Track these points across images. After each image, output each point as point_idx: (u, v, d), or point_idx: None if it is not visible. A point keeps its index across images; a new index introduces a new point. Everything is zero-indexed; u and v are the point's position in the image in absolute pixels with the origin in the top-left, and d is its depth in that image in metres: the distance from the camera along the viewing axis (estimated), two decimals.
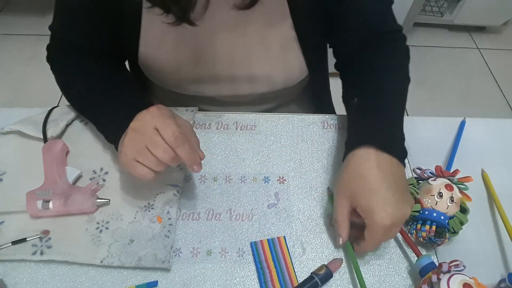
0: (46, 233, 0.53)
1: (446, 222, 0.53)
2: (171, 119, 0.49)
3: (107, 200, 0.56)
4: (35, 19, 2.08)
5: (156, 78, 0.72)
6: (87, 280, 0.50)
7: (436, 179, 0.56)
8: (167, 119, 0.49)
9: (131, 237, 0.53)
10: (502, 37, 2.27)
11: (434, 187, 0.55)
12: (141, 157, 0.49)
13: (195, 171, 0.50)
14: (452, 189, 0.54)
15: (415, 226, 0.55)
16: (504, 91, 1.99)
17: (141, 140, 0.49)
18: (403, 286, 0.52)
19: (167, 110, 0.51)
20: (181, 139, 0.48)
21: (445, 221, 0.53)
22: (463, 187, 0.57)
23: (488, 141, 0.69)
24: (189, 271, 0.52)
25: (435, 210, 0.53)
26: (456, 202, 0.54)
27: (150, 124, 0.49)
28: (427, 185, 0.56)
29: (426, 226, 0.53)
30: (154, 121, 0.49)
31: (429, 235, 0.53)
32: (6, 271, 0.51)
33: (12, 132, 0.63)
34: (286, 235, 0.56)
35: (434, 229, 0.53)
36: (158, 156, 0.48)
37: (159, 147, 0.48)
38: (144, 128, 0.49)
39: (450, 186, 0.54)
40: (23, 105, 0.68)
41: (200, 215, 0.57)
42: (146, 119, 0.50)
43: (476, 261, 0.54)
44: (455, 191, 0.55)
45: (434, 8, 2.18)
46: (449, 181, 0.56)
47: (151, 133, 0.49)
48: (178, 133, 0.48)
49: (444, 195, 0.54)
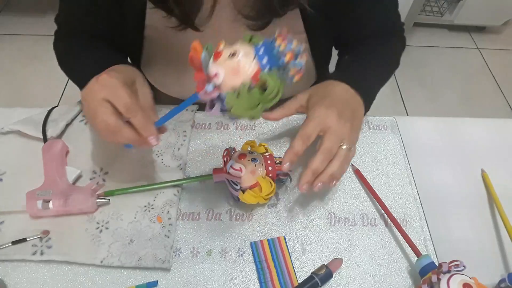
0: (46, 233, 0.53)
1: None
2: (122, 90, 0.47)
3: (107, 200, 0.56)
4: (35, 19, 2.08)
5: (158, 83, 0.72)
6: (87, 280, 0.50)
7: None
8: (119, 90, 0.47)
9: (131, 237, 0.53)
10: (502, 37, 2.27)
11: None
12: (93, 124, 0.49)
13: (152, 143, 0.49)
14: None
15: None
16: (504, 91, 1.99)
17: (88, 109, 0.48)
18: (403, 286, 0.52)
19: (119, 78, 0.48)
20: (133, 110, 0.47)
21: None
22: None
23: (488, 141, 0.69)
24: (189, 271, 0.52)
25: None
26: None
27: (98, 94, 0.47)
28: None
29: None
30: (103, 92, 0.47)
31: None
32: (6, 271, 0.51)
33: (12, 132, 0.63)
34: (286, 235, 0.56)
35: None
36: (100, 127, 0.47)
37: (100, 117, 0.47)
38: (91, 98, 0.48)
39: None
40: (23, 105, 0.68)
41: (200, 215, 0.57)
42: (94, 88, 0.48)
43: (476, 261, 0.54)
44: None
45: (434, 8, 2.18)
46: None
47: (96, 103, 0.47)
48: (130, 104, 0.47)
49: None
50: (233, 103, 0.38)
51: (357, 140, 0.55)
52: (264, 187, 0.52)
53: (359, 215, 0.58)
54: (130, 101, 0.47)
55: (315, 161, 0.50)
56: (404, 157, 0.65)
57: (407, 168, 0.64)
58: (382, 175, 0.62)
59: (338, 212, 0.58)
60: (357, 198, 0.60)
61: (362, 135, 0.68)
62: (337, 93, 0.56)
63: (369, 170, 0.63)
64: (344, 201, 0.60)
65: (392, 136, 0.68)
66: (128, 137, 0.48)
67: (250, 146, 0.58)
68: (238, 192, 0.53)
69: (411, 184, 0.62)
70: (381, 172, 0.63)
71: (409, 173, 0.63)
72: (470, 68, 2.09)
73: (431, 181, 0.63)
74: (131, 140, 0.48)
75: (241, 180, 0.52)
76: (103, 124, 0.47)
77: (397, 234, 0.56)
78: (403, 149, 0.66)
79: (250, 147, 0.58)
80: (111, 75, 0.48)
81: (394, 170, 0.63)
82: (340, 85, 0.57)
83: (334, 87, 0.57)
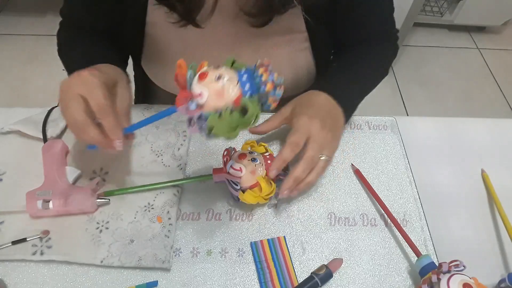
0: (46, 233, 0.53)
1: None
2: (99, 90, 0.47)
3: (107, 200, 0.56)
4: (35, 19, 2.08)
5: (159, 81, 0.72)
6: (87, 280, 0.50)
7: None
8: (96, 89, 0.47)
9: (131, 237, 0.53)
10: (502, 37, 2.27)
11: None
12: (63, 116, 0.49)
13: (117, 147, 0.48)
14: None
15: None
16: (504, 91, 1.99)
17: (62, 101, 0.48)
18: (403, 286, 0.52)
19: (99, 78, 0.49)
20: (104, 111, 0.47)
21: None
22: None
23: (488, 141, 0.69)
24: (189, 271, 0.52)
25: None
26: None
27: (74, 89, 0.47)
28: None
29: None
30: (80, 88, 0.47)
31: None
32: (6, 271, 0.51)
33: (12, 132, 0.63)
34: (286, 235, 0.56)
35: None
36: (69, 122, 0.48)
37: (69, 112, 0.47)
38: (67, 90, 0.48)
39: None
40: (23, 105, 0.68)
41: (200, 215, 0.57)
42: (73, 82, 0.48)
43: (476, 261, 0.54)
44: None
45: (434, 8, 2.18)
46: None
47: (70, 97, 0.47)
48: (103, 106, 0.47)
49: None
50: (215, 124, 0.40)
51: (337, 149, 0.58)
52: (264, 187, 0.53)
53: (359, 215, 0.58)
54: (104, 102, 0.47)
55: (298, 169, 0.52)
56: (404, 157, 0.65)
57: (407, 168, 0.64)
58: (382, 175, 0.62)
59: (338, 212, 0.58)
60: (357, 198, 0.60)
61: (362, 135, 0.68)
62: (320, 103, 0.58)
63: (369, 170, 0.63)
64: (344, 201, 0.60)
65: (392, 136, 0.68)
66: (93, 136, 0.47)
67: (250, 146, 0.59)
68: (238, 192, 0.53)
69: (411, 184, 0.62)
70: (381, 172, 0.63)
71: (409, 173, 0.63)
72: (470, 68, 2.09)
73: (431, 181, 0.63)
74: (96, 141, 0.48)
75: (241, 180, 0.52)
76: (72, 119, 0.46)
77: (397, 234, 0.56)
78: (403, 149, 0.66)
79: (250, 147, 0.58)
80: (92, 73, 0.48)
81: (394, 170, 0.63)
82: (322, 95, 0.59)
83: (317, 97, 0.59)
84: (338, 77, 0.65)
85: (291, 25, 0.63)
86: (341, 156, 0.64)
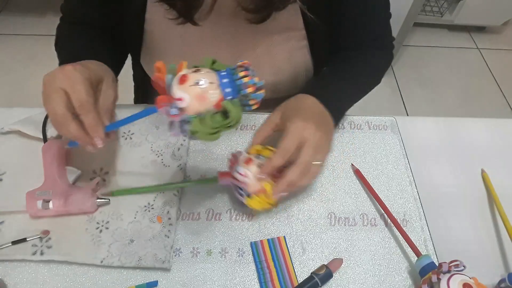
0: (46, 233, 0.53)
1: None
2: (82, 85, 0.47)
3: (107, 200, 0.56)
4: (35, 19, 2.08)
5: None
6: (87, 280, 0.50)
7: None
8: (78, 84, 0.47)
9: (131, 237, 0.53)
10: (502, 37, 2.27)
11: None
12: (45, 108, 0.49)
13: (97, 145, 0.48)
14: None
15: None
16: (504, 91, 1.99)
17: (44, 94, 0.48)
18: (403, 286, 0.52)
19: (83, 73, 0.48)
20: (85, 108, 0.47)
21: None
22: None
23: (488, 141, 0.69)
24: (189, 271, 0.52)
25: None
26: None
27: (57, 82, 0.47)
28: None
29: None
30: (63, 82, 0.47)
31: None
32: (6, 271, 0.51)
33: (12, 132, 0.63)
34: (286, 235, 0.56)
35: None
36: (50, 114, 0.47)
37: (50, 105, 0.47)
38: (49, 83, 0.48)
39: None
40: (23, 105, 0.68)
41: (200, 215, 0.57)
42: (56, 75, 0.48)
43: (476, 261, 0.54)
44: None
45: (434, 8, 2.18)
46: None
47: (52, 90, 0.47)
48: (84, 102, 0.47)
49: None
50: (197, 129, 0.40)
51: (329, 152, 0.56)
52: (271, 193, 0.51)
53: (359, 215, 0.58)
54: (85, 97, 0.47)
55: (292, 174, 0.50)
56: (404, 157, 0.65)
57: (407, 168, 0.64)
58: (382, 175, 0.62)
59: (338, 212, 0.58)
60: (357, 198, 0.60)
61: (362, 135, 0.68)
62: (310, 105, 0.57)
63: (369, 170, 0.63)
64: (344, 201, 0.60)
65: (392, 136, 0.68)
66: (73, 132, 0.47)
67: (257, 150, 0.58)
68: (244, 197, 0.53)
69: (411, 184, 0.62)
70: (381, 172, 0.63)
71: (409, 173, 0.63)
72: (470, 68, 2.09)
73: (431, 181, 0.63)
74: (76, 137, 0.47)
75: (246, 186, 0.52)
76: (52, 112, 0.46)
77: (397, 234, 0.56)
78: (403, 149, 0.66)
79: (257, 151, 0.58)
80: (76, 68, 0.48)
81: (394, 170, 0.63)
82: (310, 99, 0.58)
83: (305, 100, 0.58)
84: (327, 82, 0.64)
85: (289, 23, 0.63)
86: (341, 156, 0.64)
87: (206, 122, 0.40)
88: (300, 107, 0.56)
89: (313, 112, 0.56)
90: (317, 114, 0.56)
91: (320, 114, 0.57)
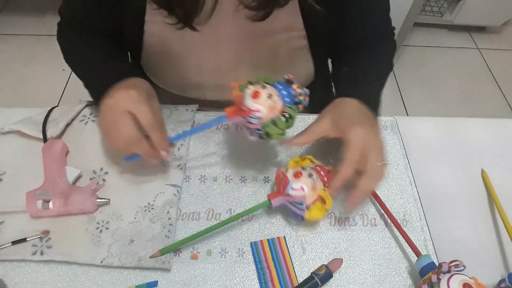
0: (46, 233, 0.53)
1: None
2: (146, 107, 0.51)
3: (107, 200, 0.56)
4: (35, 19, 2.08)
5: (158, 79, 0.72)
6: (87, 280, 0.50)
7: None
8: (143, 106, 0.51)
9: (131, 237, 0.53)
10: (502, 37, 2.27)
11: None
12: (110, 130, 0.52)
13: (164, 157, 0.54)
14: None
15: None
16: (504, 91, 1.99)
17: (112, 116, 0.51)
18: (403, 286, 0.52)
19: (143, 95, 0.52)
20: (153, 127, 0.51)
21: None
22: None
23: (488, 141, 0.69)
24: (189, 271, 0.52)
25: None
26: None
27: (122, 105, 0.50)
28: None
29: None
30: (128, 104, 0.50)
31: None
32: (6, 271, 0.51)
33: (12, 132, 0.63)
34: (286, 235, 0.56)
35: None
36: (121, 134, 0.50)
37: (123, 127, 0.50)
38: (115, 107, 0.51)
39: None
40: (23, 105, 0.68)
41: (200, 215, 0.57)
42: (120, 98, 0.51)
43: (476, 261, 0.54)
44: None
45: (434, 8, 2.18)
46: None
47: (120, 113, 0.50)
48: (151, 121, 0.51)
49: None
50: (274, 131, 0.51)
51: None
52: (329, 199, 0.53)
53: (359, 215, 0.58)
54: (152, 118, 0.51)
55: (367, 183, 0.52)
56: (404, 157, 0.65)
57: (407, 168, 0.64)
58: None
59: (338, 212, 0.58)
60: None
61: None
62: (357, 109, 0.57)
63: None
64: (345, 201, 0.59)
65: (392, 136, 0.68)
66: (144, 149, 0.52)
67: (296, 162, 0.58)
68: (304, 211, 0.53)
69: (411, 184, 0.62)
70: None
71: (409, 173, 0.63)
72: (470, 68, 2.09)
73: (431, 181, 0.63)
74: (146, 153, 0.52)
75: (305, 199, 0.52)
76: (126, 135, 0.50)
77: (397, 234, 0.56)
78: (403, 149, 0.66)
79: (297, 163, 0.58)
80: (139, 92, 0.52)
81: (394, 170, 0.63)
82: (353, 102, 0.58)
83: (350, 104, 0.58)
84: (357, 82, 0.64)
85: (289, 23, 0.63)
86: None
87: (278, 125, 0.51)
88: (350, 113, 0.56)
89: (363, 115, 0.56)
90: (366, 116, 0.56)
91: (368, 116, 0.57)
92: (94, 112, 0.67)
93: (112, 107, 0.51)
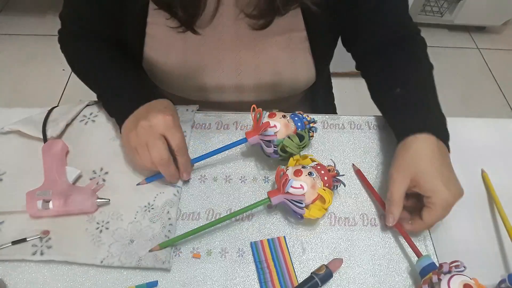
0: (46, 233, 0.53)
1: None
2: (179, 132, 0.56)
3: (107, 200, 0.56)
4: (35, 19, 2.08)
5: (160, 82, 0.72)
6: (87, 280, 0.50)
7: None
8: (176, 131, 0.56)
9: (131, 237, 0.53)
10: (502, 37, 2.27)
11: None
12: (140, 150, 0.55)
13: (184, 178, 0.58)
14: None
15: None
16: (504, 91, 1.99)
17: (146, 137, 0.54)
18: (403, 286, 0.52)
19: (176, 120, 0.58)
20: (182, 151, 0.56)
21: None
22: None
23: (488, 141, 0.69)
24: (189, 271, 0.52)
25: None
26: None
27: (158, 129, 0.55)
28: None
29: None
30: (163, 129, 0.55)
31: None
32: (6, 271, 0.51)
33: (12, 132, 0.63)
34: (286, 235, 0.56)
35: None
36: (152, 156, 0.54)
37: (157, 150, 0.54)
38: (151, 130, 0.55)
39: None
40: (23, 105, 0.68)
41: (200, 215, 0.57)
42: (157, 123, 0.55)
43: (476, 261, 0.54)
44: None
45: (434, 8, 2.17)
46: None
47: (156, 136, 0.54)
48: (181, 145, 0.56)
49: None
50: (289, 144, 0.57)
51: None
52: (327, 197, 0.53)
53: (359, 215, 0.58)
54: (182, 142, 0.56)
55: (431, 220, 0.53)
56: None
57: None
58: (382, 175, 0.62)
59: (338, 212, 0.58)
60: (357, 198, 0.60)
61: (362, 135, 0.68)
62: (436, 153, 0.53)
63: (369, 170, 0.63)
64: (344, 201, 0.60)
65: (392, 136, 0.68)
66: (171, 171, 0.56)
67: (296, 160, 0.58)
68: (303, 210, 0.53)
69: None
70: (381, 172, 0.63)
71: None
72: (470, 68, 2.09)
73: None
74: (172, 175, 0.56)
75: (304, 197, 0.52)
76: (157, 157, 0.54)
77: (397, 234, 0.56)
78: None
79: (297, 161, 0.58)
80: (174, 117, 0.57)
81: None
82: (427, 141, 0.54)
83: (425, 147, 0.54)
84: (419, 107, 0.59)
85: (290, 25, 0.63)
86: (341, 156, 0.64)
87: (293, 139, 0.57)
88: (428, 163, 0.53)
89: (440, 162, 0.53)
90: (440, 156, 0.53)
91: (441, 153, 0.54)
92: (94, 112, 0.67)
93: (147, 129, 0.54)
